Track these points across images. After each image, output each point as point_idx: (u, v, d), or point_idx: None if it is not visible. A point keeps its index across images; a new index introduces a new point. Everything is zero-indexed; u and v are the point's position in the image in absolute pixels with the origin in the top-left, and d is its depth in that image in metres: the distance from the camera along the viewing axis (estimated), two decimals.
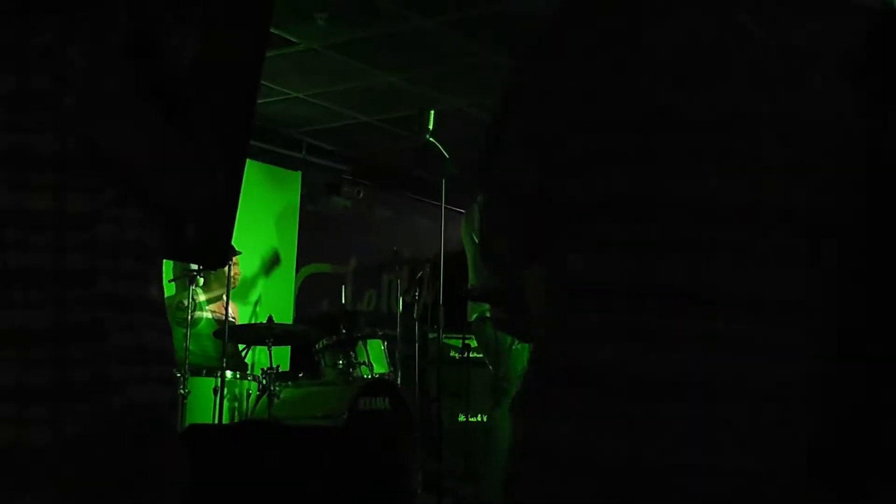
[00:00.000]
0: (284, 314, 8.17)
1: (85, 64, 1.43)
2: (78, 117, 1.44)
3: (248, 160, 1.81)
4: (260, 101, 4.97)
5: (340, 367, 6.17)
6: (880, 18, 1.27)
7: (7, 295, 1.44)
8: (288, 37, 6.00)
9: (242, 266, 6.93)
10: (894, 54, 1.35)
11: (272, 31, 5.60)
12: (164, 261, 1.70)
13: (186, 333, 5.71)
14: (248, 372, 6.25)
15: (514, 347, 5.13)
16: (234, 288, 6.37)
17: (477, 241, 5.25)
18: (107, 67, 1.45)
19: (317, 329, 6.91)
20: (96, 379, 1.45)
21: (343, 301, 8.27)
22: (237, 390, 5.91)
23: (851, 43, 1.23)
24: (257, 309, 7.93)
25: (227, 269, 5.89)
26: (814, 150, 1.19)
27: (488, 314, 5.27)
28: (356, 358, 6.21)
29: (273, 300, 8.12)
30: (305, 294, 8.82)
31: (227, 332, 5.91)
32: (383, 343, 6.52)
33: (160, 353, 1.56)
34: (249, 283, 7.89)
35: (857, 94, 1.21)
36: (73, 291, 1.46)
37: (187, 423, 5.50)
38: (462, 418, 6.66)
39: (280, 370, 6.05)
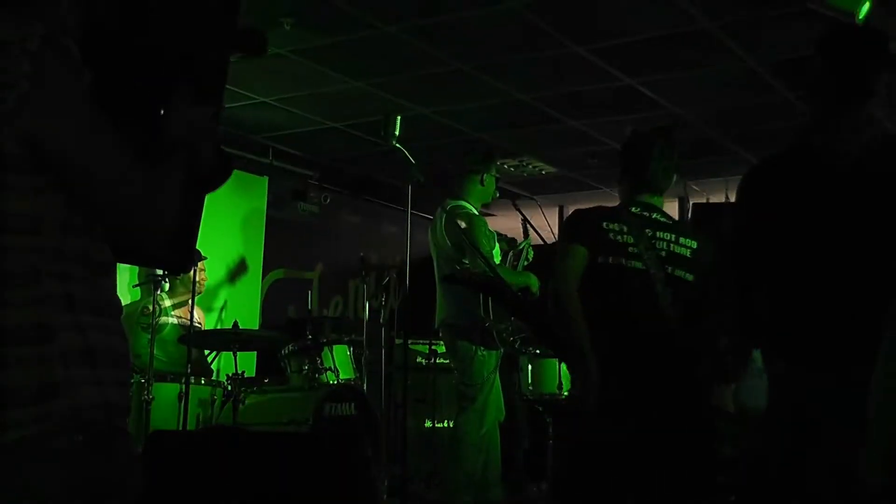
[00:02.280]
0: (250, 320, 8.14)
1: (29, 68, 1.41)
2: (19, 117, 1.42)
3: None
4: (226, 106, 4.94)
5: (306, 372, 6.16)
6: None
7: None
8: None
9: (209, 272, 6.89)
10: None
11: None
12: (130, 265, 1.68)
13: (151, 338, 5.67)
14: (213, 378, 6.22)
15: (479, 354, 5.14)
16: (199, 293, 6.34)
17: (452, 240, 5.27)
18: (53, 70, 1.43)
19: (283, 335, 6.90)
20: (41, 382, 1.42)
21: (309, 307, 8.25)
22: (202, 396, 5.88)
23: None
24: (223, 314, 7.89)
25: (192, 273, 5.86)
26: None
27: (451, 321, 5.28)
28: (322, 364, 6.20)
29: (239, 305, 8.09)
30: (271, 300, 8.79)
31: (193, 338, 5.87)
32: (349, 349, 6.52)
33: (110, 355, 1.52)
34: (215, 290, 7.85)
35: None
36: (16, 291, 1.43)
37: (152, 429, 5.47)
38: (428, 424, 6.66)
39: (245, 376, 6.02)
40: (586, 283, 3.22)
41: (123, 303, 1.65)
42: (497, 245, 5.41)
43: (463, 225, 5.18)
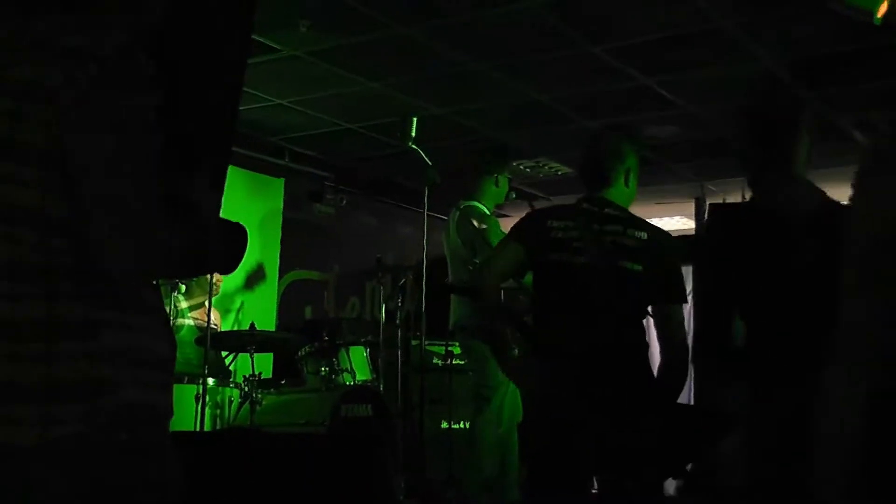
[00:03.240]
0: (267, 321, 8.15)
1: (95, 72, 1.42)
2: (69, 118, 1.42)
3: (230, 167, 1.79)
4: (242, 108, 4.95)
5: (323, 374, 6.16)
6: None
7: None
8: (271, 43, 6.00)
9: (225, 276, 6.91)
10: None
11: (255, 37, 5.60)
12: None
13: None
14: (231, 379, 6.23)
15: None
16: (216, 295, 6.35)
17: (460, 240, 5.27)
18: (110, 83, 1.43)
19: (299, 336, 6.90)
20: (89, 378, 1.42)
21: (326, 308, 8.26)
22: (219, 398, 5.89)
23: None
24: (240, 316, 7.91)
25: (208, 275, 5.88)
26: None
27: (465, 322, 5.28)
28: (339, 365, 6.21)
29: (255, 307, 8.10)
30: (288, 301, 8.80)
31: (210, 339, 5.89)
32: (366, 350, 6.52)
33: (155, 357, 1.52)
34: (231, 292, 7.87)
35: None
36: (63, 286, 1.43)
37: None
38: (445, 425, 6.65)
39: (262, 377, 6.04)
40: (535, 282, 3.34)
41: None
42: None
43: (476, 224, 5.17)
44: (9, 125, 1.43)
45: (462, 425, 6.53)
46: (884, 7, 4.41)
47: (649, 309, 3.30)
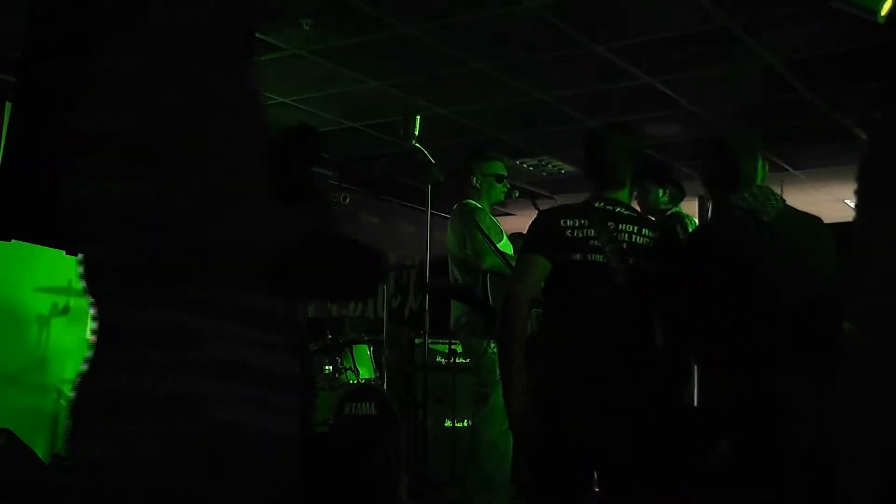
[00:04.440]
0: None
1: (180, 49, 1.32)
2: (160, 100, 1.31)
3: None
4: None
5: (326, 372, 6.17)
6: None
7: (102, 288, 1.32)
8: (274, 42, 6.01)
9: None
10: None
11: (258, 36, 5.61)
12: None
13: None
14: None
15: (490, 352, 5.12)
16: None
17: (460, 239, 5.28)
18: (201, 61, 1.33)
19: None
20: (181, 391, 1.29)
21: (329, 306, 8.26)
22: None
23: None
24: None
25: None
26: None
27: (464, 319, 5.28)
28: (342, 363, 6.21)
29: None
30: None
31: None
32: (369, 348, 6.52)
33: (263, 373, 1.37)
34: None
35: None
36: (156, 288, 1.31)
37: None
38: (448, 423, 6.66)
39: None
40: (551, 280, 3.28)
41: None
42: (505, 238, 5.39)
43: (463, 218, 5.20)
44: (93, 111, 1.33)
45: (465, 424, 6.53)
46: (887, 5, 4.41)
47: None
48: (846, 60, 6.13)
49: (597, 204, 3.35)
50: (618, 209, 3.33)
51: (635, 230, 3.27)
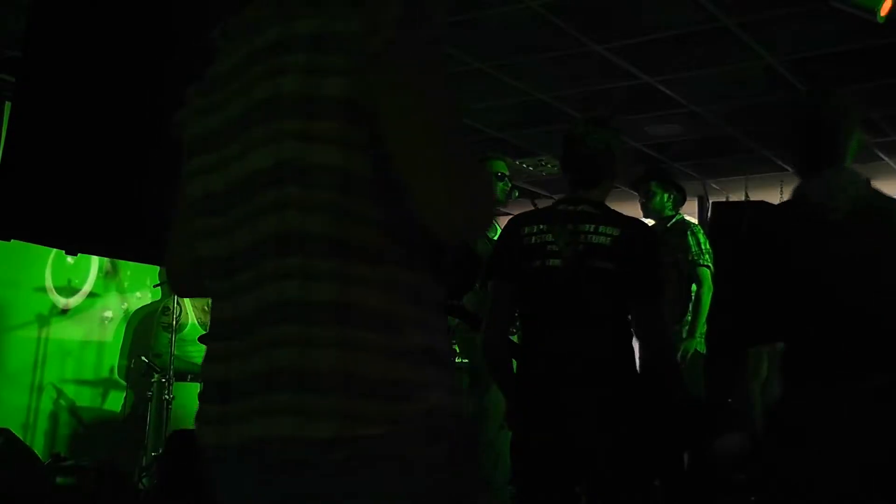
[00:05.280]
0: None
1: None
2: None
3: None
4: None
5: None
6: None
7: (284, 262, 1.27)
8: None
9: None
10: None
11: None
12: (152, 265, 1.61)
13: (171, 338, 5.69)
14: None
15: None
16: None
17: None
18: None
19: None
20: (394, 378, 1.26)
21: None
22: None
23: None
24: None
25: None
26: None
27: (458, 320, 5.26)
28: None
29: None
30: None
31: None
32: None
33: (450, 359, 1.36)
34: None
35: None
36: (358, 269, 1.26)
37: (172, 429, 5.49)
38: None
39: None
40: (519, 291, 3.22)
41: (145, 302, 1.59)
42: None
43: None
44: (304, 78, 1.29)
45: None
46: (887, 5, 4.41)
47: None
48: (846, 60, 6.13)
49: (560, 206, 3.24)
50: (580, 207, 3.20)
51: (593, 229, 3.13)
